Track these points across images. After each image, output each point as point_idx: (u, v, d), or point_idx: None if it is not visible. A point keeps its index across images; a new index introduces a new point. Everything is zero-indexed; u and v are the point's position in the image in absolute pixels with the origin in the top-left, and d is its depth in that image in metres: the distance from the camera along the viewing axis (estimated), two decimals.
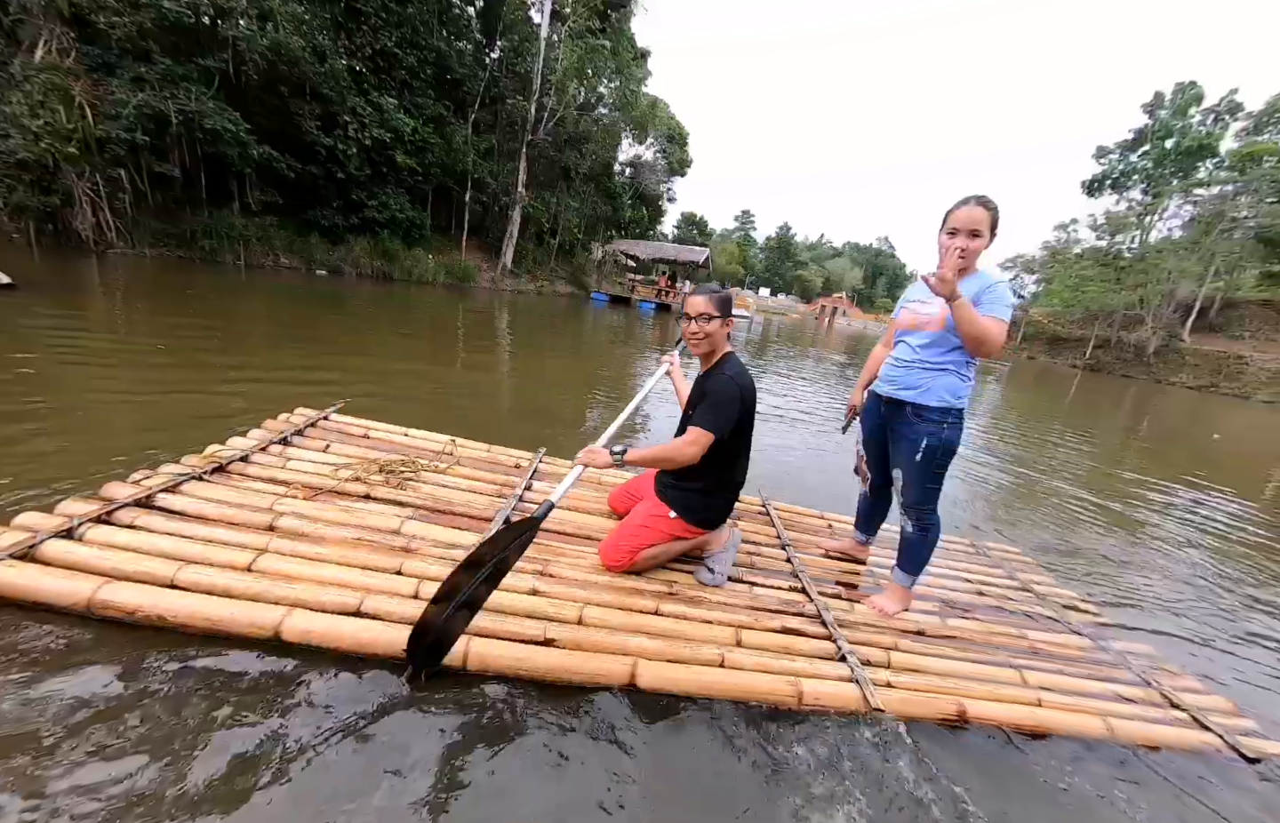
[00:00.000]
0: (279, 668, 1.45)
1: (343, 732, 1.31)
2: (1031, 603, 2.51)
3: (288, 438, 2.63)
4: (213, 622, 1.48)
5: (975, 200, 1.86)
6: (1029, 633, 2.23)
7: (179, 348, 5.32)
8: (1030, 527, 4.07)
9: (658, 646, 1.70)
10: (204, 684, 1.37)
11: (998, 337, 1.80)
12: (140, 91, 12.05)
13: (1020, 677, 1.92)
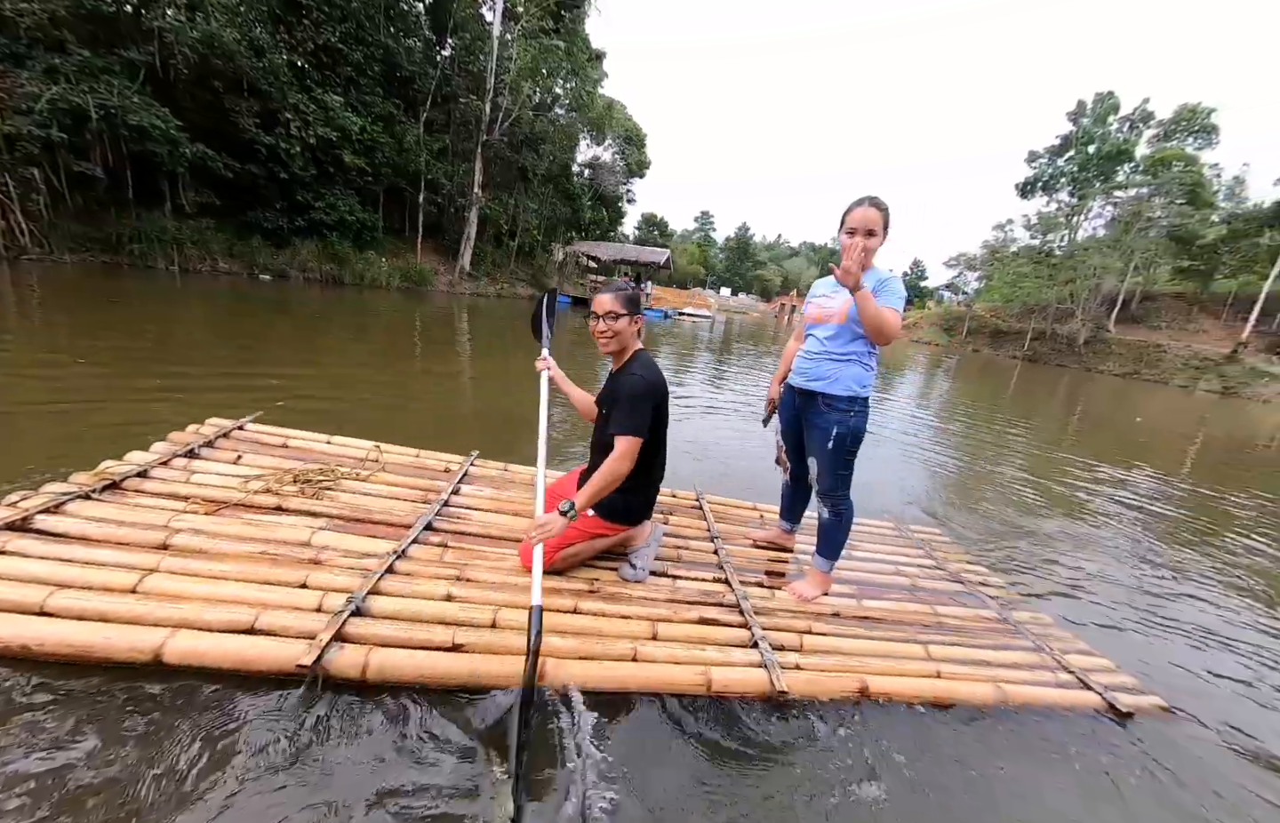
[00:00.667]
0: (160, 693, 1.36)
1: (224, 755, 1.25)
2: (944, 580, 2.63)
3: (195, 450, 2.48)
4: (84, 648, 1.38)
5: (869, 201, 1.97)
6: (939, 609, 2.34)
7: (98, 358, 4.93)
8: (970, 508, 4.27)
9: (570, 644, 1.70)
10: (72, 714, 1.28)
11: (895, 324, 1.92)
12: (54, 85, 11.08)
13: (925, 651, 2.02)
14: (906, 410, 9.19)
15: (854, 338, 2.05)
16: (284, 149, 15.80)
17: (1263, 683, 2.38)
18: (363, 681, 1.46)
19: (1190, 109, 34.99)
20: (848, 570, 2.52)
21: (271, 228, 16.48)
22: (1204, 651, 2.62)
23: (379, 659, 1.48)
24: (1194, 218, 29.57)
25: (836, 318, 2.07)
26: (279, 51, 15.55)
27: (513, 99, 22.73)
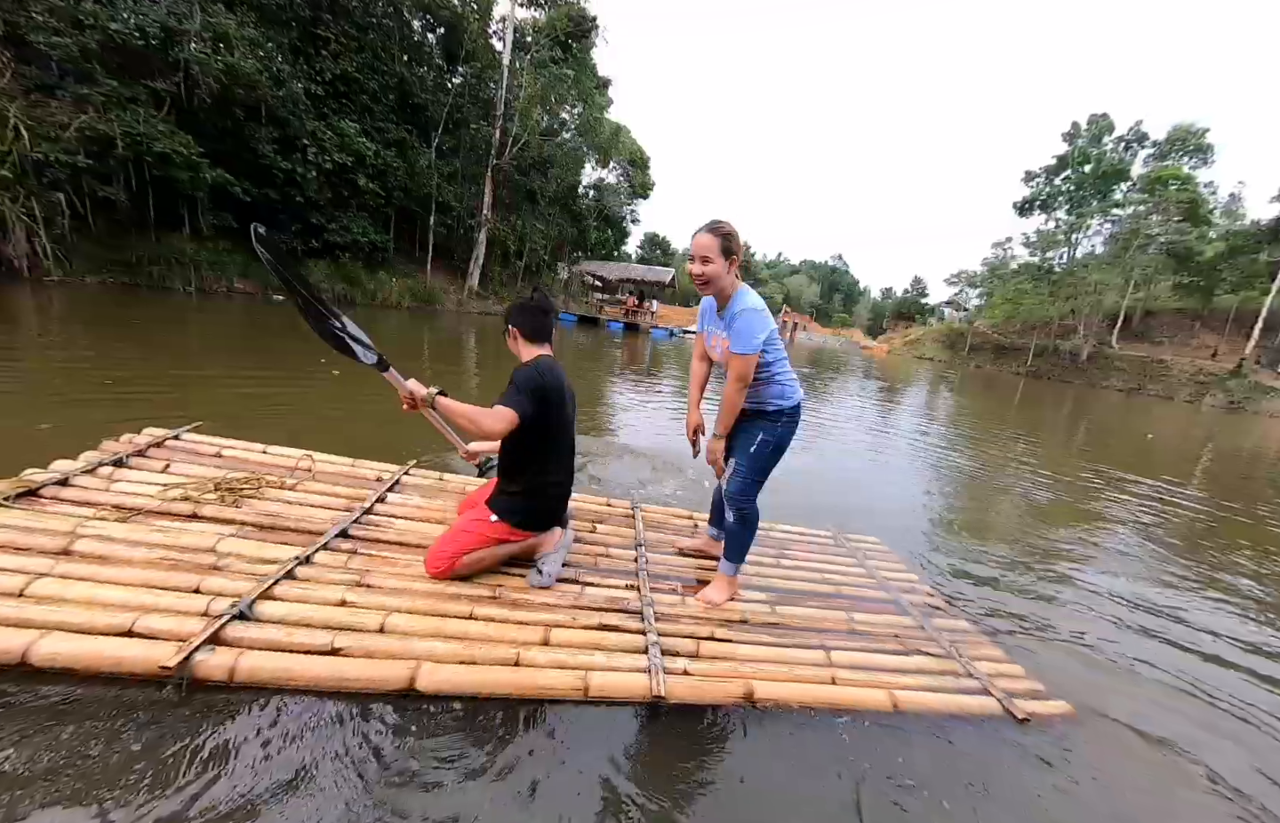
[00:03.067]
0: (24, 696, 1.34)
1: (81, 757, 1.22)
2: (870, 588, 2.60)
3: (123, 459, 2.44)
4: None
5: (704, 228, 1.96)
6: (855, 616, 2.31)
7: (128, 375, 4.97)
8: (964, 523, 4.16)
9: (451, 648, 1.66)
10: None
11: (742, 372, 1.97)
12: (83, 113, 11.38)
13: (826, 657, 1.99)
14: (910, 425, 9.06)
15: (760, 365, 2.06)
16: (300, 174, 16.10)
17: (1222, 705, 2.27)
18: (229, 683, 1.43)
19: (1184, 129, 34.83)
20: (769, 578, 2.52)
21: (286, 250, 16.71)
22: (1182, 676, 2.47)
23: (250, 663, 1.45)
24: (1192, 235, 29.30)
25: (720, 358, 2.15)
26: (298, 81, 15.90)
27: (522, 125, 23.09)
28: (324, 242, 17.49)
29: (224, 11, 13.34)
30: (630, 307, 29.30)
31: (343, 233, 17.76)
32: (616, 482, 3.91)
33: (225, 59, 13.16)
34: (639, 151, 35.12)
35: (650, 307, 31.19)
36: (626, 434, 5.48)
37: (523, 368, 1.98)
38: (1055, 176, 39.89)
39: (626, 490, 3.54)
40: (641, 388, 9.18)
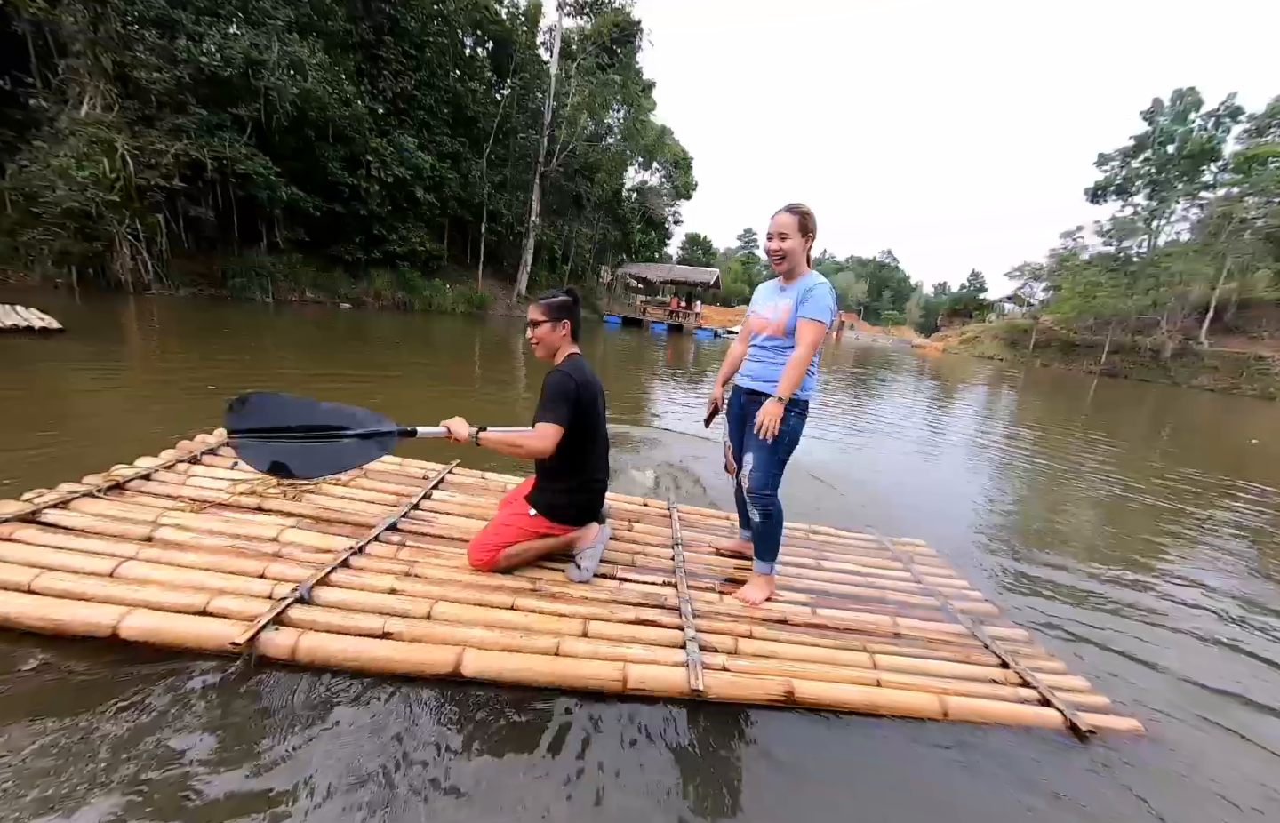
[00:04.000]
0: (126, 668, 1.47)
1: (160, 723, 1.34)
2: (916, 594, 2.50)
3: (197, 456, 2.66)
4: (55, 623, 1.51)
5: (784, 208, 2.06)
6: (901, 621, 2.22)
7: (194, 376, 5.42)
8: (1031, 533, 3.87)
9: (495, 636, 1.71)
10: (40, 679, 1.41)
11: (815, 338, 2.02)
12: (178, 141, 12.49)
13: (870, 660, 1.93)
14: (966, 426, 8.58)
15: (793, 344, 2.09)
16: (364, 188, 17.05)
17: None
18: (292, 661, 1.53)
19: None
20: (810, 580, 2.47)
21: (351, 260, 17.77)
22: None
23: (310, 642, 1.55)
24: None
25: (773, 327, 2.14)
26: (362, 100, 16.83)
27: (569, 132, 23.48)
28: (384, 251, 18.43)
29: (299, 40, 14.29)
30: (675, 307, 29.25)
31: (402, 243, 18.66)
32: (654, 482, 3.92)
33: (300, 84, 14.08)
34: (682, 153, 35.02)
35: (695, 308, 31.04)
36: (666, 435, 5.46)
37: (555, 373, 2.01)
38: (1133, 158, 36.75)
39: (664, 491, 3.53)
40: (685, 388, 9.12)
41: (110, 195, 11.21)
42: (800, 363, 1.99)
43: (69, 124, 11.38)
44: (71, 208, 10.85)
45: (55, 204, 10.74)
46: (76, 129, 11.31)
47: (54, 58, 12.36)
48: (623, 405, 6.62)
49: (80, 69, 11.77)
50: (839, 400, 9.47)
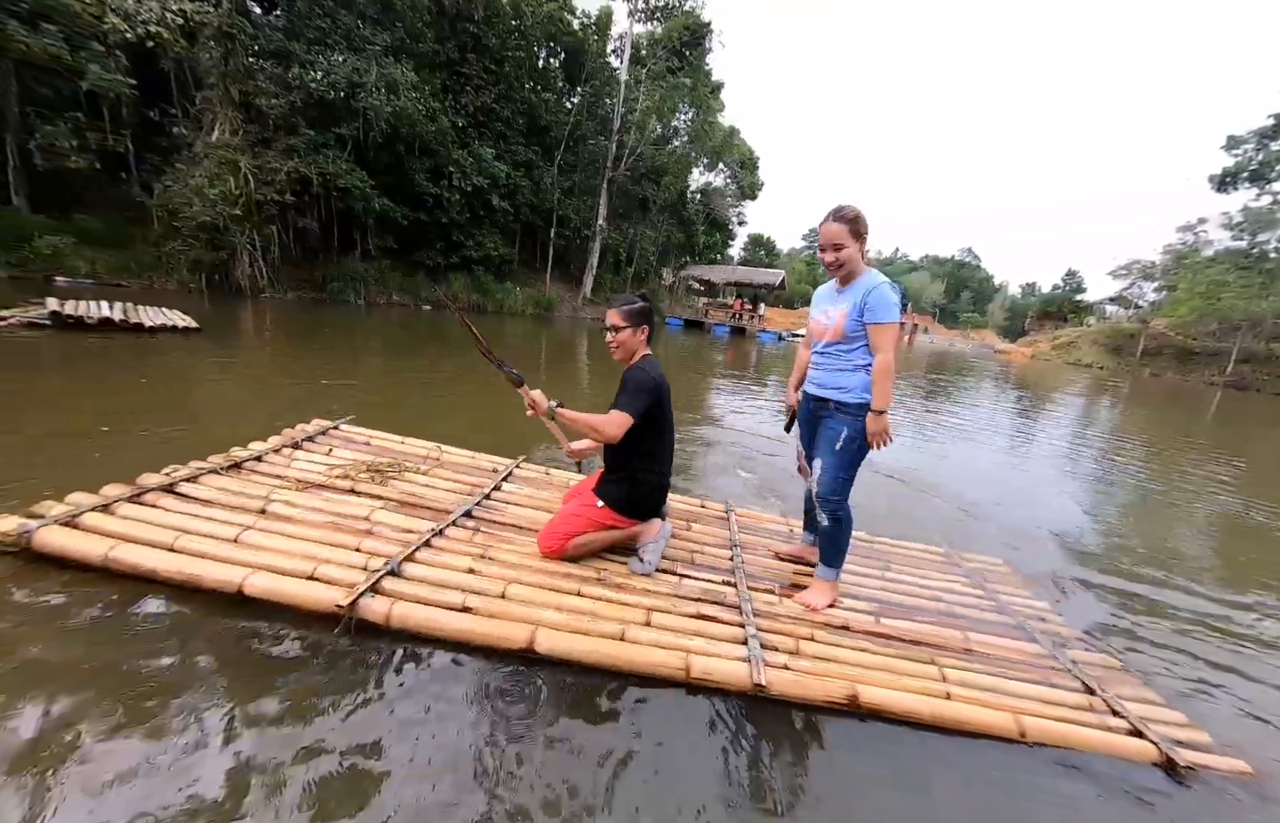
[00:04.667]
0: (247, 621, 1.72)
1: (263, 677, 1.54)
2: (990, 611, 2.42)
3: (299, 443, 3.01)
4: (190, 577, 1.78)
5: (830, 216, 2.00)
6: (973, 636, 2.16)
7: (309, 372, 6.04)
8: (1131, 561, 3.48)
9: (564, 618, 1.82)
10: (177, 624, 1.68)
11: (891, 340, 1.96)
12: (290, 159, 13.87)
13: (939, 673, 1.88)
14: (1055, 439, 7.86)
15: (854, 348, 2.07)
16: (446, 198, 18.14)
17: None
18: (385, 626, 1.72)
19: None
20: (873, 589, 2.44)
21: (432, 265, 18.96)
22: None
23: (401, 611, 1.74)
24: None
25: (832, 333, 2.10)
26: (446, 116, 17.92)
27: (638, 136, 23.75)
28: (462, 257, 19.52)
29: (393, 62, 15.43)
30: (738, 309, 28.79)
31: (478, 248, 19.68)
32: (712, 482, 3.94)
33: (394, 103, 15.19)
34: (748, 152, 34.38)
35: (759, 310, 30.40)
36: (724, 437, 5.43)
37: (633, 370, 2.14)
38: (1272, 140, 31.98)
39: (721, 492, 3.54)
40: (743, 392, 9.00)
41: (234, 210, 12.64)
42: (885, 368, 1.96)
43: (203, 148, 12.96)
44: (204, 222, 12.34)
45: (191, 219, 12.28)
46: (209, 152, 12.85)
47: (192, 90, 14.13)
48: (687, 405, 6.66)
49: (213, 99, 13.36)
50: (909, 408, 8.99)
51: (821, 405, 2.19)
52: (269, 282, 14.03)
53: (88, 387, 4.51)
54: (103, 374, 4.92)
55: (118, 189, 14.54)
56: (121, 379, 4.82)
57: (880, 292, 1.97)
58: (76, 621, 1.64)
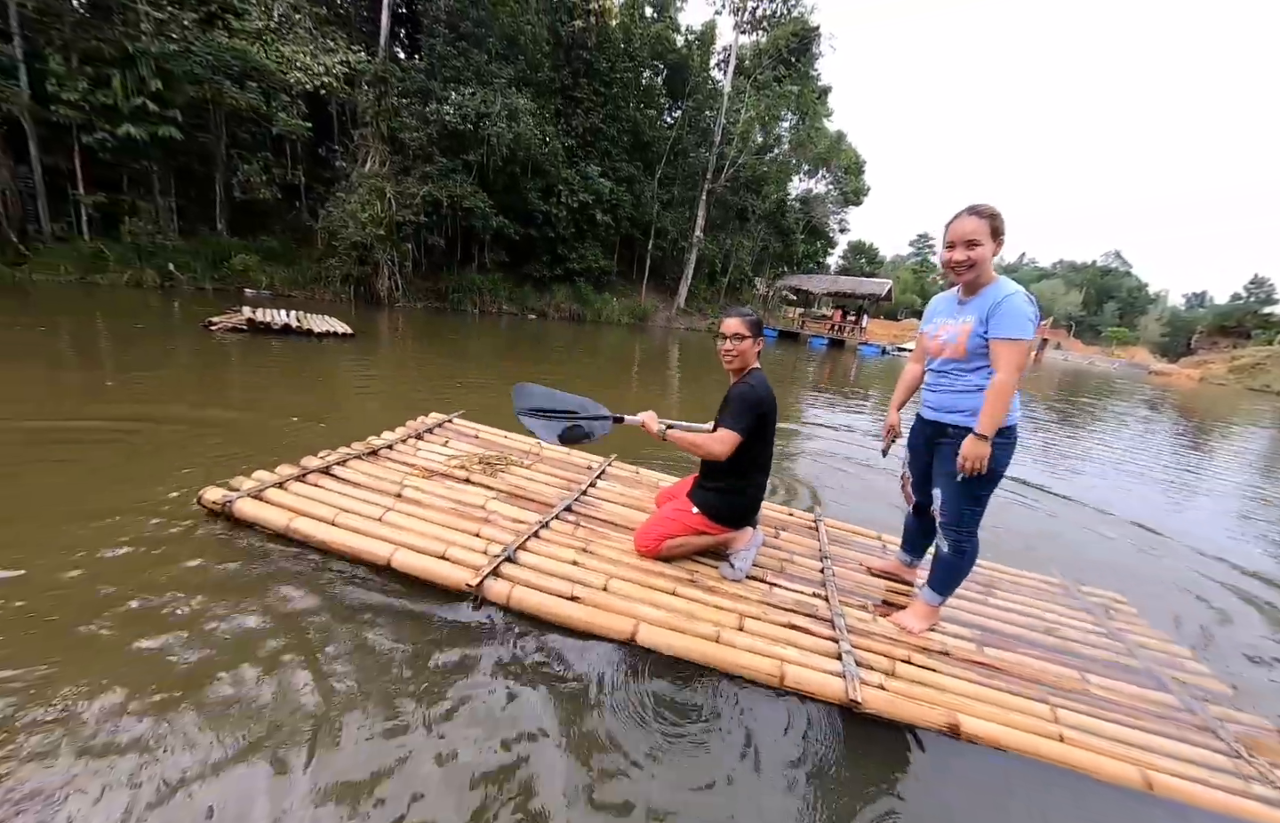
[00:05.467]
0: (393, 590, 2.05)
1: (413, 631, 1.86)
2: (1114, 652, 2.21)
3: (421, 434, 3.42)
4: (352, 549, 2.13)
5: (966, 211, 1.81)
6: (1091, 678, 1.98)
7: (432, 372, 6.81)
8: None
9: (662, 616, 1.94)
10: (346, 587, 2.04)
11: (1018, 361, 1.74)
12: (425, 185, 15.60)
13: (1050, 712, 1.77)
14: (1225, 479, 6.57)
15: (978, 368, 1.86)
16: (554, 214, 19.34)
17: None
18: (506, 606, 1.96)
19: None
20: (974, 615, 2.31)
21: (538, 277, 20.28)
22: None
23: (519, 594, 1.96)
24: None
25: (952, 349, 1.91)
26: (559, 138, 19.12)
27: (739, 147, 23.63)
28: (565, 268, 20.66)
29: (515, 92, 16.80)
30: (837, 321, 27.43)
31: (580, 260, 20.73)
32: (802, 492, 3.97)
33: (514, 130, 16.53)
34: (855, 157, 32.71)
35: (862, 322, 28.68)
36: (817, 448, 5.29)
37: (740, 385, 2.18)
38: None
39: (809, 503, 3.54)
40: (839, 405, 8.60)
41: (379, 231, 14.49)
42: (1003, 390, 1.73)
43: (358, 178, 15.00)
44: (356, 241, 14.29)
45: (346, 239, 14.27)
46: (362, 181, 14.86)
47: (350, 128, 16.40)
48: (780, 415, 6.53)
49: (368, 135, 15.43)
50: (1038, 426, 8.07)
51: (939, 432, 2.00)
52: (402, 293, 15.87)
53: (273, 380, 5.52)
54: (282, 370, 5.96)
55: (292, 214, 17.26)
56: (295, 375, 5.82)
57: (1013, 302, 1.73)
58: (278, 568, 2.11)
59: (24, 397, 3.98)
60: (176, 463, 2.98)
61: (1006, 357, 1.75)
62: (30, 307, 8.30)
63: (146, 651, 1.63)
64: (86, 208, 12.25)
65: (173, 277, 12.46)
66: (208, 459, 3.08)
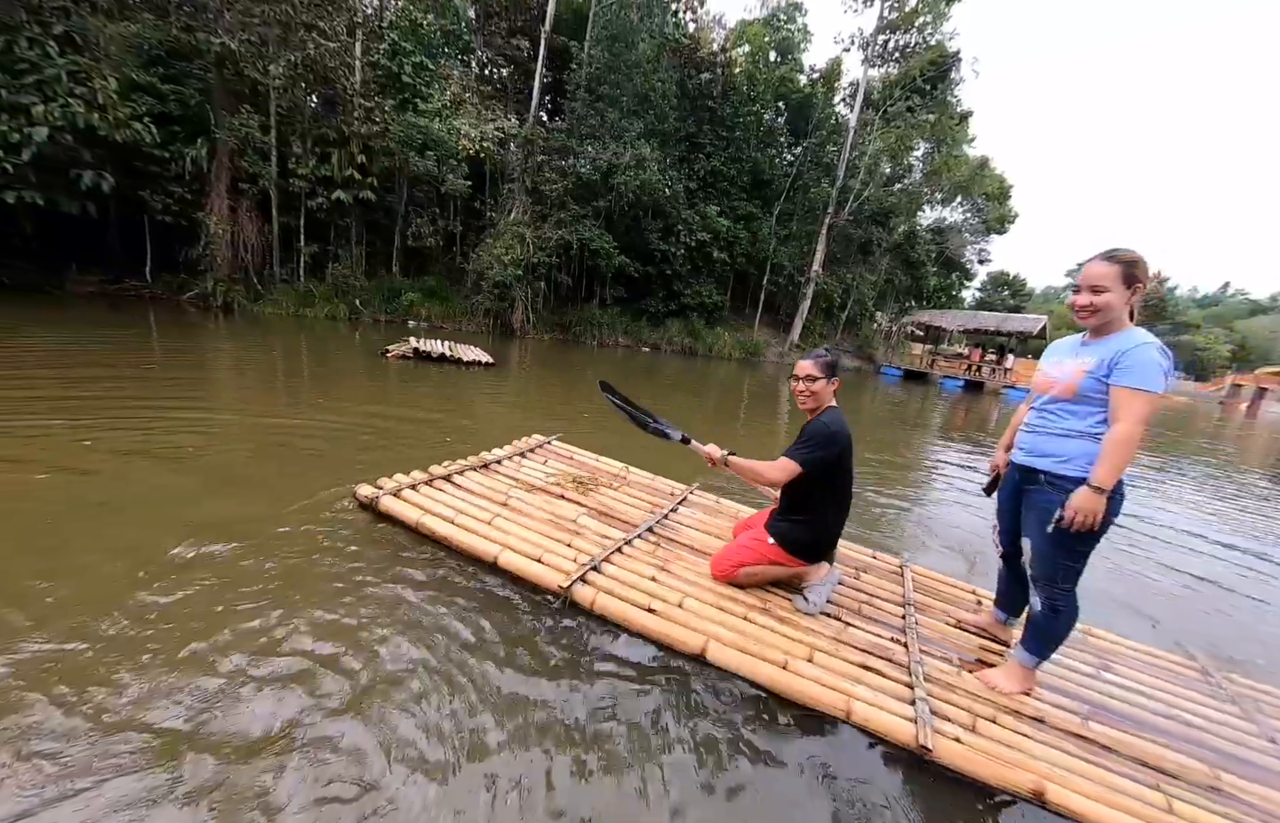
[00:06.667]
0: (495, 583, 2.39)
1: (512, 618, 2.18)
2: (1258, 748, 1.90)
3: (524, 452, 3.85)
4: (467, 547, 2.50)
5: (1101, 255, 1.72)
6: (1225, 775, 1.72)
7: (550, 398, 7.56)
8: None
9: (732, 637, 2.04)
10: (463, 579, 2.40)
11: (1141, 417, 1.61)
12: (559, 230, 17.27)
13: (1166, 802, 1.58)
14: None
15: (1087, 415, 1.74)
16: (672, 253, 20.14)
17: None
18: (590, 610, 2.19)
19: None
20: (1085, 687, 2.11)
21: (653, 311, 21.12)
22: None
23: (602, 601, 2.19)
24: None
25: (1059, 388, 1.80)
26: (681, 182, 20.02)
27: (866, 180, 22.72)
28: (679, 303, 21.27)
29: (644, 144, 18.04)
30: (974, 361, 24.57)
31: (694, 296, 21.24)
32: (903, 540, 3.83)
33: (641, 177, 17.70)
34: (999, 182, 29.46)
35: (1007, 361, 25.22)
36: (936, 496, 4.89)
37: (815, 421, 2.25)
38: None
39: (896, 548, 3.43)
40: (970, 452, 7.69)
41: (518, 272, 16.28)
42: (1124, 442, 1.61)
43: (504, 226, 17.06)
44: (499, 280, 16.20)
45: (491, 279, 16.24)
46: (507, 228, 16.87)
47: (500, 182, 18.77)
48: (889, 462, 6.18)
49: (514, 189, 17.54)
50: (1244, 507, 6.59)
51: (1029, 477, 1.87)
52: (533, 325, 17.58)
53: (427, 399, 6.57)
54: (435, 392, 7.04)
55: (449, 257, 20.05)
56: (445, 397, 6.86)
57: (1144, 351, 1.62)
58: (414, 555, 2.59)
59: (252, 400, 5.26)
60: (352, 461, 3.79)
61: (1132, 407, 1.62)
62: (261, 333, 10.73)
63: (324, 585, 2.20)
64: (304, 257, 15.45)
65: (358, 312, 15.18)
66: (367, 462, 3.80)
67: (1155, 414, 1.68)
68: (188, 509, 2.77)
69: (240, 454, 3.77)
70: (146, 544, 2.36)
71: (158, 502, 2.83)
